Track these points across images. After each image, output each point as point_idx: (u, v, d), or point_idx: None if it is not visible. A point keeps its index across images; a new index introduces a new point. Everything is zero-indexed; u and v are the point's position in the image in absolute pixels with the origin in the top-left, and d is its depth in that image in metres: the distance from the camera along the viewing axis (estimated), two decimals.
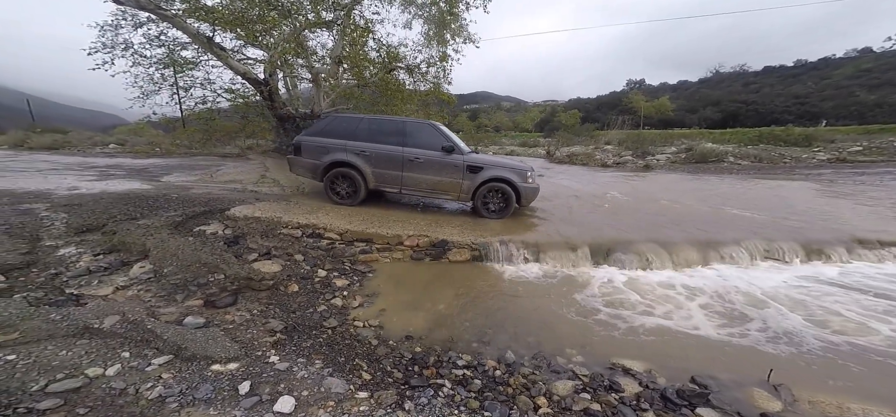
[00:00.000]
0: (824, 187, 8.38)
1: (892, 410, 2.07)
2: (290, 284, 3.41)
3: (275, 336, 2.46)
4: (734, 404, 2.08)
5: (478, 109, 77.24)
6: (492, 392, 2.18)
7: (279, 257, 3.95)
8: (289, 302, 3.10)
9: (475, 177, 5.35)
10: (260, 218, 4.69)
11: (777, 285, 3.77)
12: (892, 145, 14.89)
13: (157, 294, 2.84)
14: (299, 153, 5.65)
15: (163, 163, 10.25)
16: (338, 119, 5.84)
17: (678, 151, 15.60)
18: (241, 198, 5.65)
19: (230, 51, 9.95)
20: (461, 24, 10.58)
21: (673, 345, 2.76)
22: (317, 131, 5.70)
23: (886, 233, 4.77)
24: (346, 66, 11.21)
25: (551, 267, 4.20)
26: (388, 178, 5.51)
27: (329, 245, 4.43)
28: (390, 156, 5.43)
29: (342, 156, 5.45)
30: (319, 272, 3.81)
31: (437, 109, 12.70)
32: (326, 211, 5.26)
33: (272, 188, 6.84)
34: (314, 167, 5.58)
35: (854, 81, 58.35)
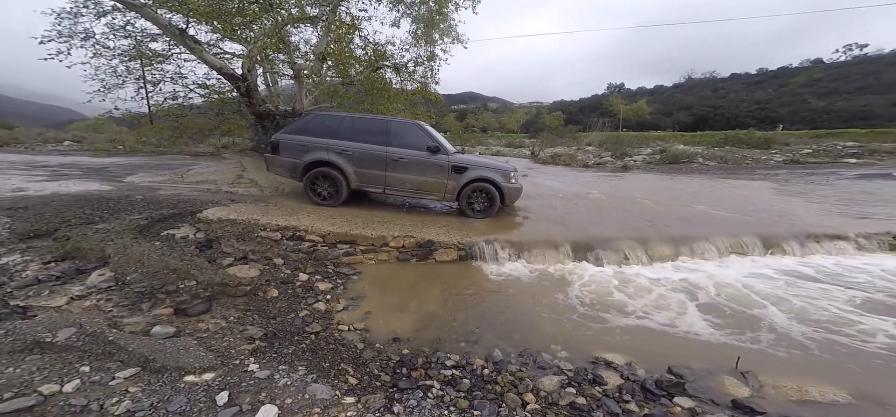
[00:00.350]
0: (780, 186, 8.99)
1: (839, 388, 2.22)
2: (270, 289, 3.27)
3: (254, 344, 2.34)
4: (708, 392, 2.17)
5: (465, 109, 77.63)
6: (481, 391, 2.17)
7: (257, 262, 3.79)
8: (268, 308, 2.97)
9: (460, 177, 5.36)
10: (236, 221, 4.48)
11: (741, 277, 3.99)
12: (836, 148, 16.29)
13: (120, 304, 2.64)
14: (277, 152, 5.46)
15: (126, 162, 9.63)
16: (319, 117, 5.70)
17: (653, 152, 16.34)
18: (215, 199, 5.39)
19: (205, 44, 9.49)
20: (450, 25, 10.56)
21: (650, 338, 2.86)
22: (296, 129, 5.53)
23: (832, 228, 5.16)
24: (330, 63, 10.95)
25: (536, 265, 4.26)
26: (372, 178, 5.41)
27: (311, 248, 4.30)
28: (374, 155, 5.33)
29: (323, 155, 5.30)
30: (301, 275, 3.68)
31: (425, 109, 12.64)
32: (307, 212, 5.10)
33: (249, 189, 6.57)
34: (293, 167, 5.40)
35: (807, 89, 62.91)
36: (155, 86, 10.16)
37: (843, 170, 12.00)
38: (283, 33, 9.38)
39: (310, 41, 11.29)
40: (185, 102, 10.74)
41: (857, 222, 5.28)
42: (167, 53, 9.56)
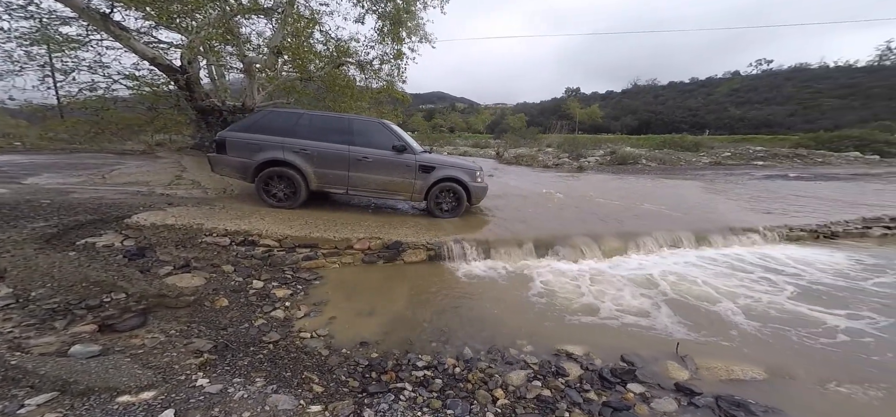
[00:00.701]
0: (707, 185, 10.22)
1: (757, 366, 2.50)
2: (219, 298, 2.95)
3: (202, 357, 2.08)
4: (655, 377, 2.32)
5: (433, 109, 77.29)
6: (453, 390, 2.16)
7: (202, 270, 3.41)
8: (218, 318, 2.67)
9: (428, 177, 5.31)
10: (174, 226, 4.00)
11: (678, 267, 4.43)
12: (749, 152, 19.08)
13: (24, 323, 2.21)
14: (224, 151, 5.02)
15: (26, 160, 8.17)
16: (272, 114, 5.35)
17: (605, 154, 17.71)
18: (148, 203, 4.77)
19: (134, 32, 8.42)
20: (418, 23, 10.47)
21: (605, 328, 3.04)
22: (246, 127, 5.15)
23: (746, 222, 5.92)
24: (286, 57, 10.33)
25: (502, 263, 4.35)
26: (333, 178, 5.18)
27: (266, 253, 3.97)
28: (336, 155, 5.10)
29: (278, 154, 4.97)
30: (255, 282, 3.38)
31: (391, 108, 12.39)
32: (261, 215, 4.72)
33: (191, 191, 5.91)
34: (243, 167, 5.01)
35: (728, 98, 71.98)
36: (66, 75, 8.76)
37: (753, 171, 13.97)
38: (232, 24, 8.66)
39: (263, 34, 10.58)
40: (108, 94, 9.43)
41: (764, 217, 6.18)
42: (84, 39, 8.31)
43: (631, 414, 1.96)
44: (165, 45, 9.83)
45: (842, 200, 7.58)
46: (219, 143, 5.06)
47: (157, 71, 9.24)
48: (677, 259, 4.72)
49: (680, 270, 4.36)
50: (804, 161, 17.15)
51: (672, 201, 7.52)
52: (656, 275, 4.15)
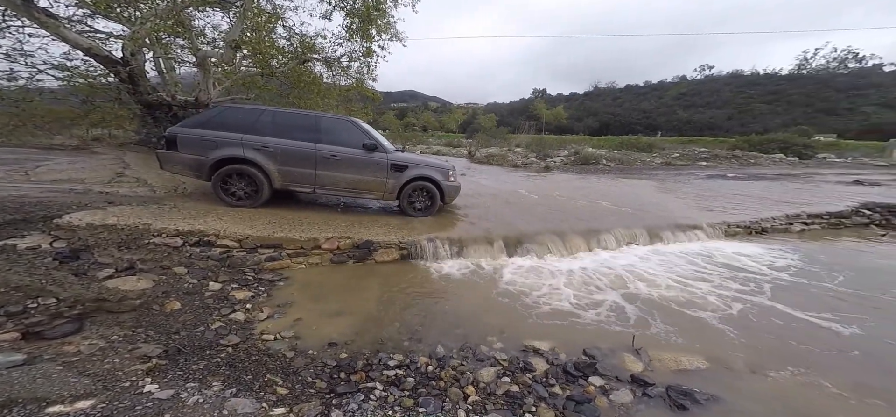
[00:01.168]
0: (659, 184, 11.04)
1: (700, 356, 2.62)
2: (170, 302, 2.72)
3: (150, 363, 1.90)
4: (613, 370, 2.42)
5: (406, 108, 75.94)
6: (425, 388, 2.15)
7: (149, 272, 3.13)
8: (168, 323, 2.45)
9: (400, 176, 5.25)
10: (116, 226, 3.63)
11: (633, 263, 4.74)
12: (695, 152, 20.96)
13: None
14: (174, 148, 4.72)
15: None
16: (230, 110, 5.11)
17: (569, 154, 18.56)
18: (84, 201, 4.30)
19: (64, 19, 7.56)
20: (388, 21, 10.27)
21: (569, 322, 3.12)
22: (200, 123, 4.88)
23: (691, 219, 6.44)
24: (245, 52, 9.75)
25: (474, 261, 4.41)
26: (299, 176, 5.00)
27: (224, 254, 3.72)
28: (301, 153, 4.92)
29: (237, 151, 4.74)
30: (211, 284, 3.15)
31: (361, 106, 12.06)
32: (219, 214, 4.42)
33: (136, 189, 5.39)
34: (198, 164, 4.74)
35: (676, 102, 77.99)
36: None
37: (698, 171, 15.32)
38: (183, 16, 8.04)
39: (220, 27, 9.93)
40: (31, 84, 8.40)
41: (707, 214, 6.82)
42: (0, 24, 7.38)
43: (592, 407, 2.04)
44: (102, 36, 8.94)
45: (769, 198, 8.55)
46: (169, 139, 4.73)
47: (93, 62, 8.36)
48: (634, 255, 5.04)
49: (636, 265, 4.66)
50: (740, 162, 19.16)
51: (629, 199, 8.05)
52: (615, 270, 4.41)
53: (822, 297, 3.89)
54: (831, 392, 2.32)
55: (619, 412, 2.03)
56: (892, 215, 7.10)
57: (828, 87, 64.56)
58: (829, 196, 8.63)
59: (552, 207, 6.84)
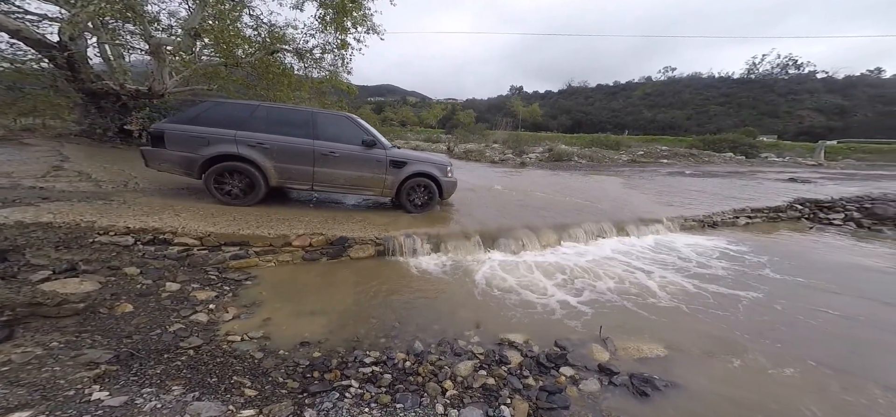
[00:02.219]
0: (625, 181, 11.63)
1: (659, 344, 2.74)
2: (120, 304, 2.49)
3: (98, 369, 1.73)
4: (582, 360, 2.49)
5: (383, 102, 74.09)
6: (403, 384, 2.13)
7: (95, 273, 2.86)
8: (119, 326, 2.25)
9: (399, 172, 5.22)
10: (52, 224, 3.28)
11: (601, 255, 4.97)
12: (658, 150, 22.30)
13: None
14: (161, 144, 4.48)
15: None
16: (220, 105, 4.93)
17: (544, 151, 19.06)
18: (11, 197, 3.84)
19: None
20: (364, 14, 9.96)
21: (542, 315, 3.17)
22: (188, 119, 4.67)
23: (654, 214, 6.84)
24: (207, 40, 9.10)
25: (451, 256, 4.41)
26: (296, 174, 4.87)
27: (183, 253, 3.47)
28: (298, 150, 4.80)
29: (231, 148, 4.57)
30: (169, 285, 2.93)
31: (336, 99, 11.59)
32: (176, 211, 4.11)
33: (76, 184, 4.88)
34: (187, 162, 4.53)
35: (642, 101, 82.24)
36: None
37: (660, 168, 16.29)
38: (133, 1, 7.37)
39: (177, 14, 9.20)
40: None
41: (667, 209, 7.28)
42: None
43: (563, 397, 2.09)
44: (35, 18, 8.01)
45: (720, 194, 9.28)
46: (155, 135, 4.48)
47: (22, 45, 7.47)
48: (601, 248, 5.28)
49: (603, 258, 4.88)
50: (696, 160, 20.63)
51: (598, 195, 8.42)
52: (585, 263, 4.59)
53: (762, 285, 4.25)
54: (773, 372, 2.56)
55: (587, 401, 2.11)
56: (819, 210, 7.94)
57: (771, 91, 71.08)
58: (769, 193, 9.50)
59: (527, 202, 7.00)
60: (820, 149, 25.07)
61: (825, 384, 2.41)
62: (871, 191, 9.37)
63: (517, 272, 4.10)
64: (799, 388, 2.36)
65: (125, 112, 9.06)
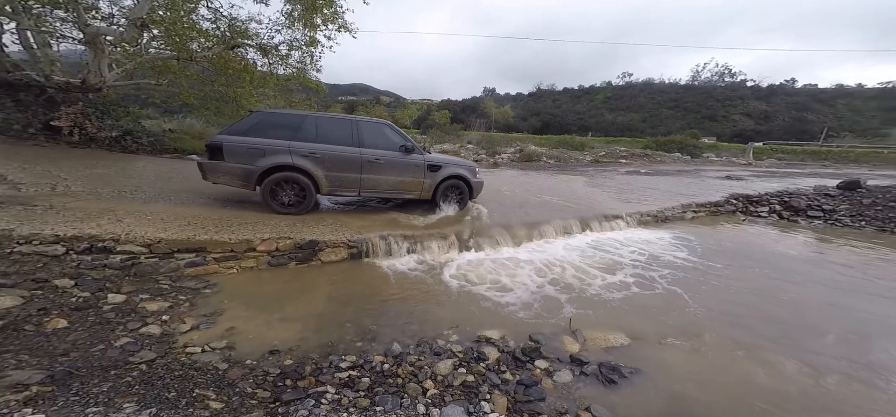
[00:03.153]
0: (589, 180, 12.24)
1: (623, 333, 2.90)
2: (51, 320, 2.18)
3: (28, 391, 1.49)
4: (555, 352, 2.57)
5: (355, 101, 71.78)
6: (382, 386, 2.09)
7: (16, 287, 2.49)
8: (51, 344, 1.96)
9: (435, 175, 5.53)
10: None
11: (569, 250, 5.19)
12: (617, 151, 23.79)
13: None
14: (219, 157, 4.46)
15: None
16: (271, 116, 4.90)
17: (515, 151, 19.56)
18: None
19: None
20: (336, 11, 9.56)
21: (517, 310, 3.23)
22: (242, 130, 4.65)
23: (615, 210, 7.31)
24: (156, 32, 8.27)
25: (428, 256, 4.38)
26: (345, 181, 5.03)
27: (128, 261, 3.13)
28: (347, 158, 4.94)
29: (286, 159, 4.61)
30: (112, 297, 2.62)
31: (303, 97, 11.01)
32: (118, 216, 3.70)
33: None
34: (246, 173, 4.55)
35: (604, 105, 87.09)
36: None
37: (620, 168, 17.34)
38: None
39: (120, 1, 8.28)
40: None
41: (626, 205, 7.79)
42: None
43: (539, 390, 2.15)
44: None
45: (670, 191, 10.10)
46: (214, 148, 4.45)
47: None
48: (568, 243, 5.51)
49: (571, 253, 5.10)
50: (650, 160, 22.28)
51: (565, 193, 8.79)
52: (554, 258, 4.76)
53: (706, 274, 4.68)
54: (720, 352, 2.82)
55: (562, 391, 2.18)
56: (749, 204, 8.90)
57: (711, 97, 78.72)
58: (710, 189, 10.49)
59: (500, 201, 7.14)
60: (749, 150, 28.12)
61: (764, 358, 2.68)
62: (788, 187, 10.67)
63: (492, 270, 4.16)
64: (743, 366, 2.59)
65: (52, 106, 8.01)
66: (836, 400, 2.27)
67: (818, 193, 9.13)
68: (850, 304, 3.77)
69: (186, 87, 9.31)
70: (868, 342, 2.99)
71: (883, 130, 57.13)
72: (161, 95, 11.28)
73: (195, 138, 10.60)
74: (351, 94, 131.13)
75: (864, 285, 4.35)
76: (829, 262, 5.23)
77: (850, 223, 7.39)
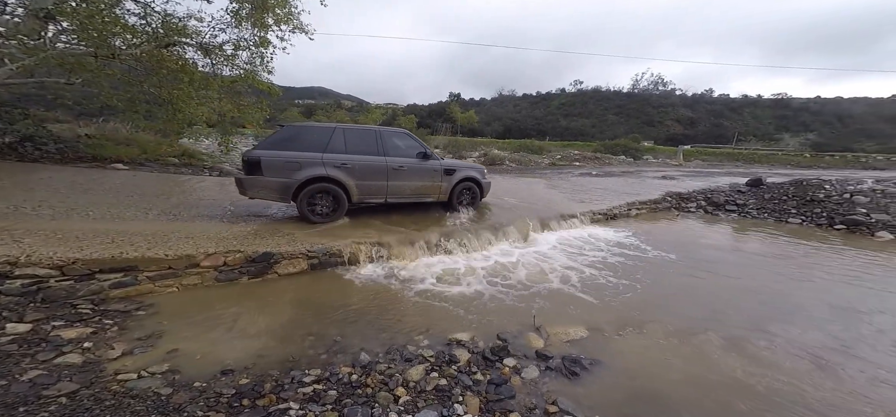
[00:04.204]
0: (547, 182, 12.80)
1: (582, 326, 3.01)
2: None
3: None
4: (522, 349, 2.63)
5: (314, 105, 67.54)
6: (350, 398, 2.01)
7: None
8: None
9: (451, 178, 5.90)
10: None
11: (529, 250, 5.36)
12: (571, 154, 25.36)
13: None
14: (258, 171, 4.51)
15: None
16: (303, 129, 5.02)
17: (480, 155, 19.98)
18: None
19: None
20: (290, 11, 8.89)
21: (485, 311, 3.29)
22: (276, 144, 4.72)
23: (571, 209, 7.71)
24: (66, 25, 7.13)
25: (394, 263, 4.28)
26: (374, 189, 5.26)
27: (32, 286, 2.66)
28: (375, 167, 5.18)
29: (321, 171, 4.76)
30: (12, 326, 2.20)
31: (254, 100, 10.16)
32: (15, 236, 3.15)
33: None
34: (284, 187, 4.63)
35: (559, 110, 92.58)
36: None
37: (574, 170, 18.43)
38: None
39: None
40: None
41: (581, 205, 8.32)
42: None
43: (509, 388, 2.19)
44: None
45: (618, 190, 10.98)
46: (252, 163, 4.49)
47: None
48: (530, 243, 5.70)
49: (531, 252, 5.27)
50: (600, 162, 24.09)
51: (526, 195, 9.15)
52: (516, 259, 4.89)
53: (649, 265, 5.14)
54: (667, 339, 3.11)
55: (530, 387, 2.24)
56: (681, 201, 10.01)
57: (648, 104, 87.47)
58: (649, 188, 11.59)
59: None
60: (680, 152, 31.62)
61: (699, 343, 2.97)
62: (711, 184, 12.16)
63: (460, 273, 4.18)
64: (685, 350, 2.85)
65: None
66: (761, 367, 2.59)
67: (732, 190, 10.50)
68: (759, 286, 4.34)
69: (107, 87, 8.17)
70: (768, 320, 3.46)
71: (776, 136, 67.99)
72: (75, 96, 9.77)
73: (121, 145, 9.35)
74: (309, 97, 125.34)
75: (767, 267, 5.06)
76: (743, 250, 6.02)
77: (756, 215, 8.59)
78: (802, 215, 8.09)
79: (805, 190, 9.23)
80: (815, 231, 7.22)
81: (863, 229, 7.06)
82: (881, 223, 7.08)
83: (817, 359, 2.71)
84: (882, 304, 3.78)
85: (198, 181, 7.74)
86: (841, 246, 6.08)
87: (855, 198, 8.20)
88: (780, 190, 9.67)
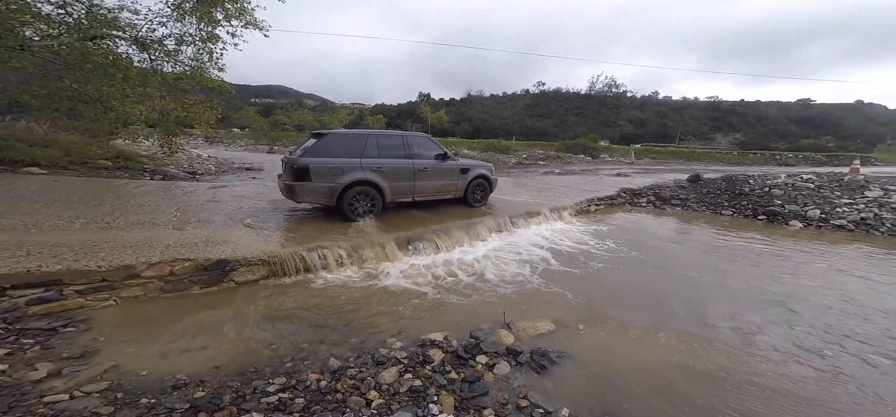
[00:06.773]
0: (515, 180, 13.15)
1: (548, 320, 3.07)
2: None
3: None
4: (494, 346, 2.66)
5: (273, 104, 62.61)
6: (320, 405, 1.94)
7: None
8: None
9: (466, 177, 6.48)
10: None
11: (499, 248, 5.45)
12: (536, 153, 26.27)
13: None
14: (307, 178, 4.87)
15: None
16: (342, 137, 5.38)
17: None
18: None
19: None
20: (242, 6, 8.21)
21: (458, 310, 3.29)
22: (320, 152, 5.08)
23: (536, 206, 7.95)
24: None
25: (363, 266, 4.16)
26: (403, 189, 5.72)
27: None
28: (403, 169, 5.66)
29: (360, 175, 5.21)
30: None
31: (204, 98, 9.26)
32: None
33: None
34: (330, 191, 5.03)
35: (524, 111, 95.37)
36: None
37: (539, 169, 19.10)
38: None
39: None
40: None
41: (547, 201, 8.67)
42: None
43: (482, 384, 2.21)
44: None
45: (578, 187, 11.57)
46: (301, 170, 4.82)
47: None
48: (500, 241, 5.83)
49: (501, 249, 5.38)
50: (562, 161, 25.21)
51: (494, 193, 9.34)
52: (486, 256, 4.96)
53: (608, 257, 5.49)
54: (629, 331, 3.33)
55: (502, 383, 2.28)
56: (634, 196, 10.84)
57: (604, 105, 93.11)
58: (606, 185, 12.33)
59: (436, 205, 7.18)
60: (631, 151, 33.98)
61: (651, 331, 3.20)
62: (658, 181, 13.25)
63: (432, 273, 4.16)
64: (640, 338, 3.04)
65: None
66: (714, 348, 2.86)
67: (676, 186, 11.54)
68: (699, 277, 4.83)
69: (15, 82, 7.06)
70: (708, 304, 3.87)
71: (711, 135, 75.82)
72: None
73: (36, 146, 8.12)
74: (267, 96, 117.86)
75: (707, 258, 5.62)
76: (686, 242, 6.62)
77: (696, 208, 9.52)
78: (733, 208, 9.06)
79: (734, 185, 10.34)
80: (743, 221, 8.14)
81: (779, 219, 8.05)
82: (792, 213, 8.12)
83: (746, 336, 3.04)
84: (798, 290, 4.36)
85: (136, 186, 7.00)
86: (761, 237, 6.86)
87: (772, 191, 9.34)
88: (715, 185, 10.75)
